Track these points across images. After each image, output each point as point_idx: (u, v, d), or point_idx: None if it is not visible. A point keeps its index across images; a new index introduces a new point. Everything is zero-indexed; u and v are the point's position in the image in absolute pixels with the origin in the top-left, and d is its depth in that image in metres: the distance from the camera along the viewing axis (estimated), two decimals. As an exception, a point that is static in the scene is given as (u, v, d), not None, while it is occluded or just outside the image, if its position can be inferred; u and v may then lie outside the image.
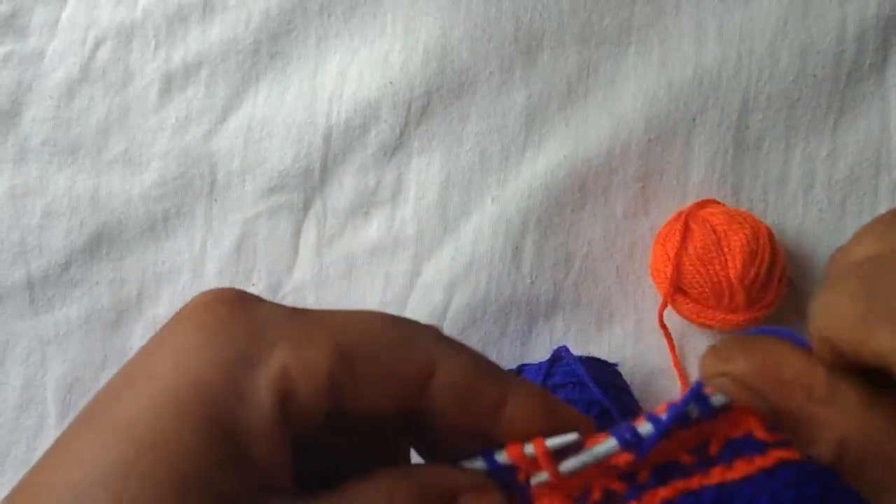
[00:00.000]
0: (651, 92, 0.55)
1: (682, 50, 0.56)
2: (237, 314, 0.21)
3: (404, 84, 0.56)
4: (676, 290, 0.51)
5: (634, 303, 0.55)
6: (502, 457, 0.22)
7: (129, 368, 0.21)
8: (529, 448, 0.22)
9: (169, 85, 0.57)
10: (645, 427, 0.22)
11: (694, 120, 0.55)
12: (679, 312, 0.52)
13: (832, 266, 0.22)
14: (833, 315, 0.20)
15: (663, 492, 0.23)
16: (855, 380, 0.21)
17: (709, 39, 0.56)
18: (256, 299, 0.22)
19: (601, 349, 0.54)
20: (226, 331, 0.21)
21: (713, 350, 0.22)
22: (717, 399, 0.22)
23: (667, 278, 0.51)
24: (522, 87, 0.56)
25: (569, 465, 0.22)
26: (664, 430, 0.22)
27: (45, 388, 0.55)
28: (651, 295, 0.54)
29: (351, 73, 0.57)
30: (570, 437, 0.22)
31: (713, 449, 0.23)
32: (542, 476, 0.22)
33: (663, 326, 0.53)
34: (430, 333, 0.23)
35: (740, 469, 0.23)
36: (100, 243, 0.56)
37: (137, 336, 0.55)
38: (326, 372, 0.21)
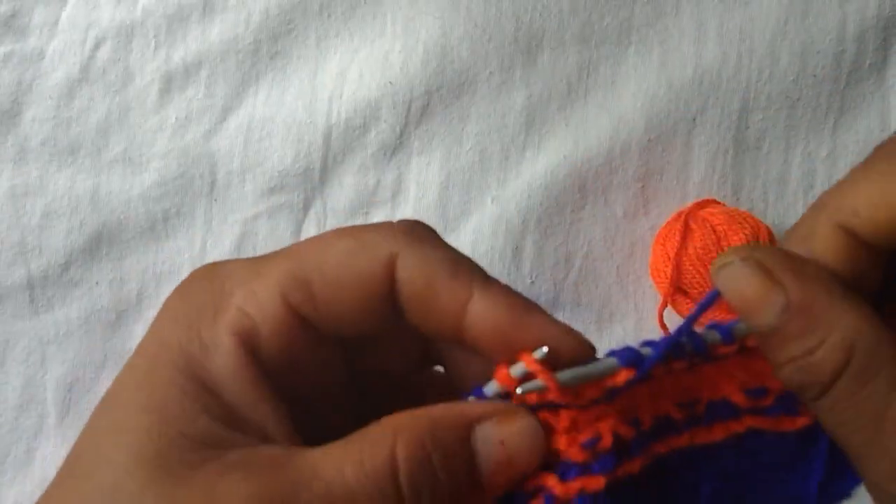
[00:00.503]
0: (651, 92, 0.55)
1: (682, 50, 0.56)
2: (200, 278, 0.23)
3: (404, 84, 0.56)
4: (676, 290, 0.51)
5: (634, 303, 0.55)
6: (492, 387, 0.22)
7: (134, 351, 0.23)
8: (516, 368, 0.21)
9: (169, 85, 0.57)
10: (644, 350, 0.22)
11: (694, 120, 0.55)
12: (679, 312, 0.52)
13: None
14: (865, 191, 0.20)
15: (659, 447, 0.23)
16: (868, 299, 0.21)
17: (709, 39, 0.56)
18: (222, 264, 0.23)
19: (601, 349, 0.54)
20: (189, 294, 0.22)
21: (732, 248, 0.22)
22: (710, 336, 0.22)
23: (667, 278, 0.51)
24: (522, 87, 0.56)
25: (566, 375, 0.21)
26: (661, 354, 0.22)
27: (45, 388, 0.55)
28: (651, 295, 0.54)
29: (351, 73, 0.57)
30: (539, 351, 0.21)
31: (700, 408, 0.23)
32: (533, 384, 0.21)
33: (663, 326, 0.53)
34: (393, 232, 0.23)
35: (718, 432, 0.23)
36: (100, 243, 0.56)
37: (137, 336, 0.55)
38: (280, 301, 0.22)
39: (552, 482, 0.21)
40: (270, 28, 0.57)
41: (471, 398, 0.22)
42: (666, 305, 0.52)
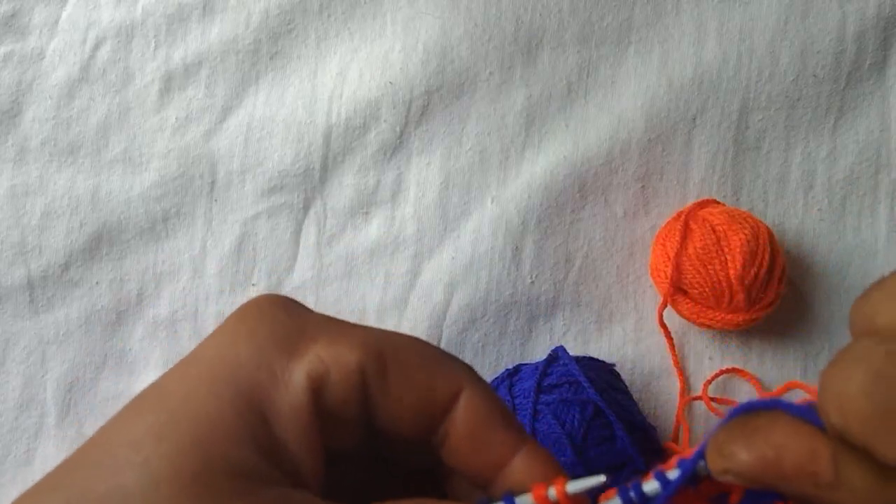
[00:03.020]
0: (651, 92, 0.55)
1: (682, 50, 0.56)
2: (282, 311, 0.23)
3: (404, 84, 0.56)
4: (676, 290, 0.51)
5: (634, 303, 0.55)
6: (525, 499, 0.21)
7: (191, 354, 0.23)
8: (552, 491, 0.21)
9: (169, 85, 0.57)
10: (651, 486, 0.21)
11: (694, 120, 0.55)
12: (679, 312, 0.52)
13: (854, 321, 0.21)
14: (846, 406, 0.18)
15: None
16: (864, 458, 0.20)
17: (709, 39, 0.56)
18: (303, 306, 0.23)
19: (601, 349, 0.54)
20: (269, 323, 0.22)
21: (715, 442, 0.22)
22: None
23: (667, 278, 0.51)
24: (522, 87, 0.56)
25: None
26: (673, 491, 0.21)
27: (45, 388, 0.55)
28: (651, 295, 0.54)
29: (351, 72, 0.57)
30: (594, 479, 0.21)
31: (734, 499, 0.22)
32: None
33: (663, 326, 0.53)
34: (461, 362, 0.23)
35: None
36: (100, 243, 0.56)
37: (137, 336, 0.55)
38: (358, 365, 0.22)
39: None
40: (270, 28, 0.57)
41: None
42: (666, 305, 0.52)
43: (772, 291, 0.50)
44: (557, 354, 0.49)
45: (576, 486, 0.21)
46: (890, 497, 0.19)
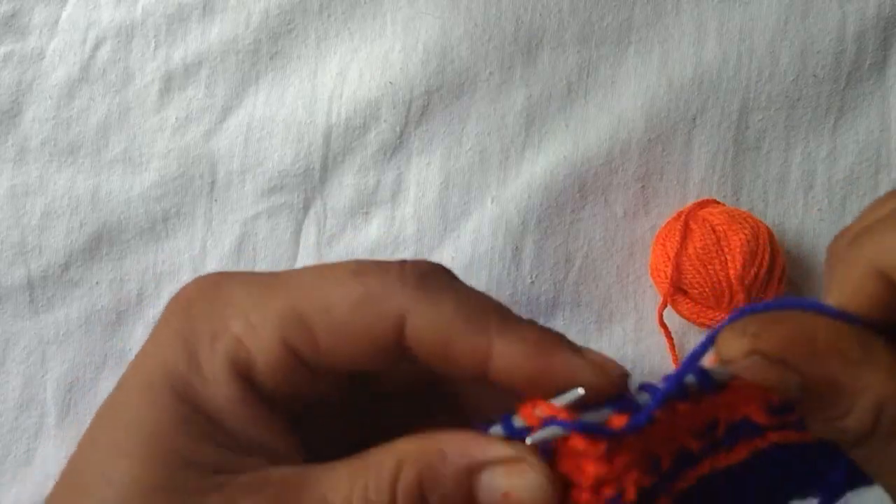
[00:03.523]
0: (651, 92, 0.55)
1: (682, 50, 0.56)
2: (201, 295, 0.22)
3: (404, 84, 0.56)
4: (676, 291, 0.51)
5: (634, 303, 0.55)
6: (519, 420, 0.21)
7: (128, 367, 0.23)
8: (539, 410, 0.21)
9: (169, 85, 0.57)
10: (642, 397, 0.21)
11: (694, 120, 0.55)
12: (679, 313, 0.52)
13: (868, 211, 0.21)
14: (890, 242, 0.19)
15: (680, 483, 0.22)
16: (888, 341, 0.20)
17: (709, 39, 0.56)
18: (229, 278, 0.23)
19: (601, 349, 0.54)
20: (191, 315, 0.22)
21: (734, 328, 0.21)
22: (718, 374, 0.21)
23: (667, 278, 0.51)
24: (522, 87, 0.56)
25: (540, 435, 0.20)
26: (662, 400, 0.21)
27: (45, 388, 0.55)
28: (651, 295, 0.54)
29: (351, 72, 0.57)
30: (573, 393, 0.20)
31: (718, 432, 0.22)
32: (543, 433, 0.20)
33: (663, 325, 0.53)
34: (402, 282, 0.22)
35: (739, 452, 0.22)
36: (100, 243, 0.56)
37: (137, 336, 0.55)
38: (278, 339, 0.21)
39: None
40: (270, 28, 0.57)
41: (495, 428, 0.21)
42: (666, 305, 0.52)
43: (772, 291, 0.50)
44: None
45: (558, 401, 0.21)
46: None
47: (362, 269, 0.22)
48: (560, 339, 0.22)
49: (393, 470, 0.20)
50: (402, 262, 0.22)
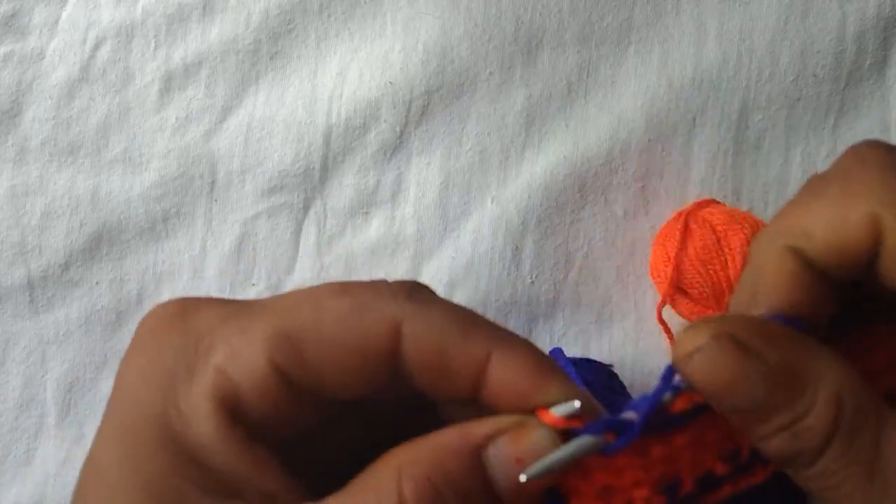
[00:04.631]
0: (651, 92, 0.55)
1: (682, 50, 0.56)
2: (172, 330, 0.21)
3: (404, 84, 0.56)
4: (676, 290, 0.51)
5: (634, 303, 0.55)
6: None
7: (105, 409, 0.22)
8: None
9: (169, 85, 0.57)
10: (629, 414, 0.21)
11: (694, 120, 0.55)
12: (679, 312, 0.52)
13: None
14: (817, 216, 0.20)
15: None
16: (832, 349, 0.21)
17: (709, 39, 0.56)
18: (195, 306, 0.21)
19: (601, 349, 0.54)
20: (161, 350, 0.20)
21: (696, 323, 0.21)
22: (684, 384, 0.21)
23: (667, 278, 0.51)
24: (522, 87, 0.56)
25: (533, 470, 0.19)
26: (637, 432, 0.20)
27: (45, 388, 0.55)
28: (651, 295, 0.54)
29: (351, 72, 0.57)
30: (571, 405, 0.20)
31: (743, 455, 0.22)
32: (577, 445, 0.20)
33: (662, 323, 0.53)
34: (394, 294, 0.21)
35: (759, 475, 0.22)
36: (100, 243, 0.56)
37: (137, 336, 0.55)
38: (265, 362, 0.20)
39: None
40: (270, 28, 0.57)
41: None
42: (665, 303, 0.52)
43: (772, 291, 0.50)
44: (555, 356, 0.49)
45: (557, 411, 0.20)
46: (858, 378, 0.20)
47: (349, 285, 0.21)
48: (552, 360, 0.21)
49: (395, 483, 0.19)
50: (386, 281, 0.21)
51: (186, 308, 0.21)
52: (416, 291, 0.21)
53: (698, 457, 0.21)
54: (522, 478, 0.19)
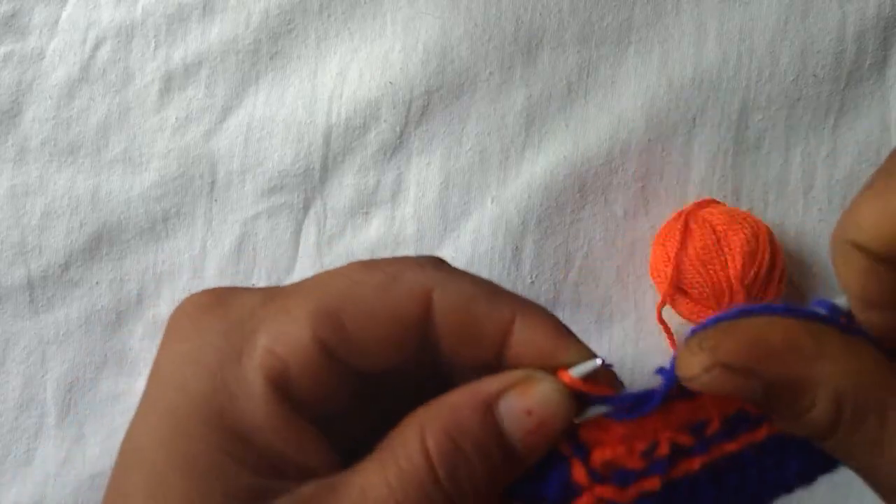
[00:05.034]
0: (651, 92, 0.55)
1: (682, 50, 0.56)
2: (213, 316, 0.22)
3: (404, 84, 0.56)
4: (676, 290, 0.51)
5: (634, 303, 0.55)
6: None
7: (144, 396, 0.22)
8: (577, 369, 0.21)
9: (169, 85, 0.57)
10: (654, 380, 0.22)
11: (694, 120, 0.55)
12: (679, 312, 0.52)
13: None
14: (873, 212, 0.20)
15: (674, 472, 0.23)
16: (837, 332, 0.21)
17: (709, 39, 0.56)
18: (232, 294, 0.22)
19: (601, 349, 0.54)
20: (204, 335, 0.21)
21: (689, 346, 0.21)
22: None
23: (667, 278, 0.51)
24: (522, 87, 0.56)
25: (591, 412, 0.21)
26: (671, 383, 0.21)
27: (45, 388, 0.55)
28: (651, 295, 0.54)
29: (351, 72, 0.57)
30: (592, 363, 0.21)
31: (713, 428, 0.23)
32: (594, 411, 0.21)
33: (662, 322, 0.53)
34: (421, 265, 0.22)
35: (734, 445, 0.23)
36: (100, 243, 0.56)
37: (137, 336, 0.55)
38: (310, 338, 0.21)
39: (610, 493, 0.21)
40: (270, 28, 0.57)
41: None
42: (665, 304, 0.52)
43: (772, 291, 0.50)
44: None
45: (578, 371, 0.21)
46: (863, 361, 0.20)
47: (376, 261, 0.22)
48: (569, 328, 0.23)
49: (419, 439, 0.20)
50: (410, 256, 0.22)
51: (223, 295, 0.22)
52: (441, 263, 0.22)
53: (724, 402, 0.22)
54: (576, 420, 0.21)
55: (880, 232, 0.21)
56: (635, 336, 0.54)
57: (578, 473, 0.21)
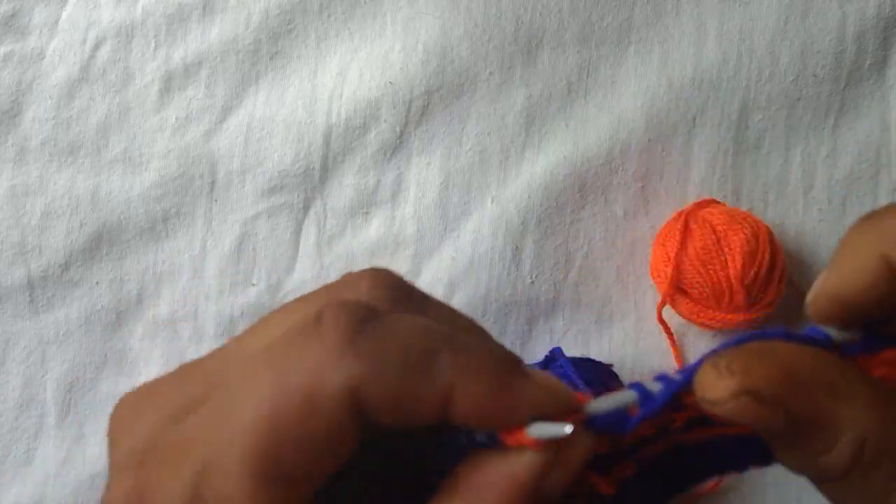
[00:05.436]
0: (651, 92, 0.55)
1: (682, 50, 0.56)
2: (147, 444, 0.20)
3: (404, 84, 0.56)
4: (676, 290, 0.51)
5: (634, 303, 0.55)
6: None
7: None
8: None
9: (169, 85, 0.57)
10: (655, 385, 0.21)
11: (694, 120, 0.55)
12: (679, 312, 0.52)
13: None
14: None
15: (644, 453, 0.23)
16: (859, 370, 0.20)
17: (709, 39, 0.56)
18: (146, 477, 0.20)
19: (601, 349, 0.54)
20: (145, 466, 0.20)
21: (715, 366, 0.20)
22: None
23: (667, 278, 0.51)
24: (522, 87, 0.56)
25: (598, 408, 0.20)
26: (676, 390, 0.20)
27: (45, 388, 0.55)
28: (651, 295, 0.54)
29: (351, 72, 0.57)
30: (557, 428, 0.20)
31: (676, 425, 0.23)
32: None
33: (662, 323, 0.53)
34: (339, 354, 0.19)
35: (699, 433, 0.23)
36: (100, 243, 0.56)
37: (137, 336, 0.55)
38: (256, 484, 0.19)
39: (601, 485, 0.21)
40: (270, 28, 0.57)
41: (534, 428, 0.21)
42: (665, 304, 0.52)
43: (772, 291, 0.50)
44: (554, 356, 0.49)
45: (539, 432, 0.20)
46: (892, 409, 0.19)
47: (283, 353, 0.19)
48: (515, 362, 0.20)
49: None
50: (319, 319, 0.20)
51: (140, 490, 0.20)
52: (358, 333, 0.19)
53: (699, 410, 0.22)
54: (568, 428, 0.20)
55: None
56: (635, 336, 0.54)
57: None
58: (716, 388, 0.20)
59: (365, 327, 0.19)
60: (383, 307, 0.21)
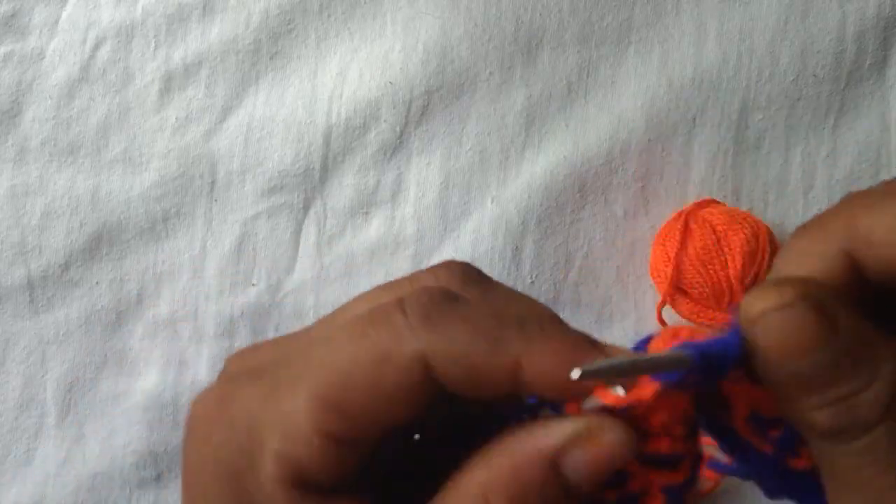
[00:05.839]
0: (651, 92, 0.55)
1: (682, 50, 0.56)
2: (218, 422, 0.22)
3: (404, 84, 0.56)
4: (676, 290, 0.51)
5: (634, 303, 0.55)
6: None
7: (183, 499, 0.23)
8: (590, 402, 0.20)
9: (169, 85, 0.57)
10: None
11: (694, 120, 0.55)
12: (679, 312, 0.52)
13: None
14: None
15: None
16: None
17: (709, 39, 0.56)
18: (232, 391, 0.22)
19: (601, 349, 0.54)
20: (216, 446, 0.22)
21: (763, 286, 0.20)
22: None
23: (667, 278, 0.51)
24: (522, 87, 0.56)
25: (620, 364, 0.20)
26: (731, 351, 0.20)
27: (45, 388, 0.55)
28: (651, 295, 0.54)
29: (351, 72, 0.57)
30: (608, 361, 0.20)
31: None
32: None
33: (662, 322, 0.53)
34: (410, 328, 0.21)
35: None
36: (100, 243, 0.56)
37: (137, 336, 0.55)
38: (316, 433, 0.21)
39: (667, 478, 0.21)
40: (270, 28, 0.57)
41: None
42: (665, 304, 0.52)
43: (772, 291, 0.50)
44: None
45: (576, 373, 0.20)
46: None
47: (365, 324, 0.21)
48: (584, 341, 0.21)
49: None
50: (400, 300, 0.21)
51: (224, 397, 0.22)
52: (431, 309, 0.21)
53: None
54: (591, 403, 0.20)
55: (890, 257, 0.19)
56: (635, 336, 0.54)
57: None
58: (778, 296, 0.19)
59: (441, 307, 0.21)
60: (460, 292, 0.23)
